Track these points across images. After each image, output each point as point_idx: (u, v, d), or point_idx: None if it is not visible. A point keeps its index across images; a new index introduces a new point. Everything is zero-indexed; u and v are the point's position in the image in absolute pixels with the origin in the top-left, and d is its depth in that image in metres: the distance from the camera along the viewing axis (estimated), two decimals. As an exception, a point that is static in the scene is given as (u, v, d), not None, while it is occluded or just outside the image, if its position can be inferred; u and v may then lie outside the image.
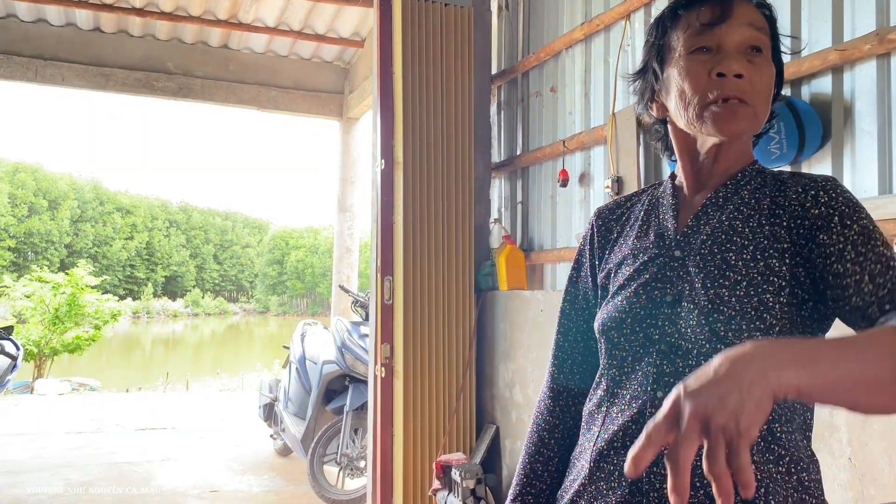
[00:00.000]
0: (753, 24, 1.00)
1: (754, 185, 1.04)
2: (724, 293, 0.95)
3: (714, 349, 0.93)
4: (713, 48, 1.00)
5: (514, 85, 3.80)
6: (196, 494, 4.40)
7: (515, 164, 3.71)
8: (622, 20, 2.93)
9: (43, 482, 4.57)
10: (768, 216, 0.99)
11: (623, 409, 1.00)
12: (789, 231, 0.97)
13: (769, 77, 1.00)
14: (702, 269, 0.98)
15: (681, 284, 1.00)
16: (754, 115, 0.99)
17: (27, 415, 7.29)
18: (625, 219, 1.16)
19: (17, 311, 12.59)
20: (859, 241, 0.91)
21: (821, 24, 2.10)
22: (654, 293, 1.01)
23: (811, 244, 0.94)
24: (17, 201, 53.32)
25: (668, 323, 0.99)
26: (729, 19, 1.00)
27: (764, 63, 1.00)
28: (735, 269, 0.96)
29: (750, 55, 0.99)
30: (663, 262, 1.03)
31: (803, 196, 0.98)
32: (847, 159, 2.03)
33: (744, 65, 0.98)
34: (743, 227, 0.99)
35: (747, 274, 0.95)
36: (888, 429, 1.76)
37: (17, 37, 5.96)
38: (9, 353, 5.09)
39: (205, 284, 67.99)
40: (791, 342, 0.67)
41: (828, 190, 0.97)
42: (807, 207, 0.97)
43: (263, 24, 6.24)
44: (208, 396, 9.63)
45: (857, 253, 0.91)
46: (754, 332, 0.92)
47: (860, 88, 2.00)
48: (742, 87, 0.98)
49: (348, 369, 4.35)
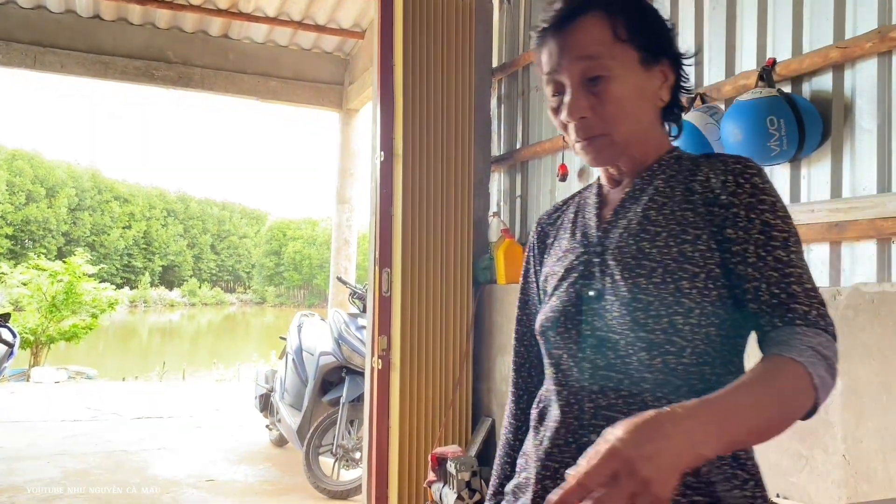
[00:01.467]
0: (586, 55, 0.99)
1: (669, 173, 1.04)
2: (641, 282, 0.96)
3: (638, 338, 0.96)
4: (562, 89, 1.02)
5: (515, 78, 3.80)
6: (192, 484, 4.41)
7: (515, 157, 3.71)
8: (624, 15, 2.92)
9: (39, 470, 4.57)
10: (681, 202, 1.00)
11: (563, 405, 1.02)
12: (703, 216, 0.98)
13: (621, 95, 1.00)
14: (619, 261, 1.00)
15: (603, 278, 1.02)
16: (612, 143, 1.02)
17: (23, 403, 7.30)
18: (560, 223, 1.18)
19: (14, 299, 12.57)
20: (760, 240, 0.93)
21: (822, 21, 2.10)
22: (582, 290, 1.04)
23: (720, 235, 0.96)
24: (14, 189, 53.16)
25: (596, 317, 1.01)
26: (561, 59, 1.01)
27: (609, 87, 0.99)
28: (650, 257, 0.97)
29: (591, 87, 1.00)
30: (587, 259, 1.06)
31: (714, 180, 0.99)
32: (847, 157, 2.03)
33: (584, 104, 1.00)
34: (657, 215, 1.01)
35: (662, 261, 0.96)
36: (882, 426, 1.76)
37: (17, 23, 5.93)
38: (5, 340, 5.08)
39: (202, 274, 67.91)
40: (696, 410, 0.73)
41: (735, 174, 0.98)
42: (717, 193, 0.98)
43: (264, 14, 6.22)
44: (205, 386, 9.64)
45: (758, 256, 0.93)
46: (673, 316, 0.94)
47: (861, 86, 2.00)
48: (589, 125, 1.00)
49: (345, 361, 4.36)
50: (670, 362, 0.94)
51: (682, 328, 0.94)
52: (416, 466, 3.43)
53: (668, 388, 0.94)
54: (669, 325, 0.94)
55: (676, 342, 0.94)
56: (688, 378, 0.94)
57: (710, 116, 2.33)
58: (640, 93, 1.02)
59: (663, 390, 0.94)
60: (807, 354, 0.83)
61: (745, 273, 0.93)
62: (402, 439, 3.41)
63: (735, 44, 2.42)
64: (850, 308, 1.84)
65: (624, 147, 1.03)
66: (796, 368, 0.81)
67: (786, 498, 1.98)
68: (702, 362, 0.95)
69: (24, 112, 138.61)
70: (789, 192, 2.19)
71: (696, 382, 0.94)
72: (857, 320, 1.84)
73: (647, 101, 1.04)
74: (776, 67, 2.16)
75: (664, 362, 0.95)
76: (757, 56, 2.32)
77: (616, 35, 1.00)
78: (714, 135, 2.27)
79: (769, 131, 1.99)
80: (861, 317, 1.84)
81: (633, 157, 1.06)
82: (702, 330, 0.94)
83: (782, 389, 0.80)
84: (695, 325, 0.94)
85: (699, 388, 0.93)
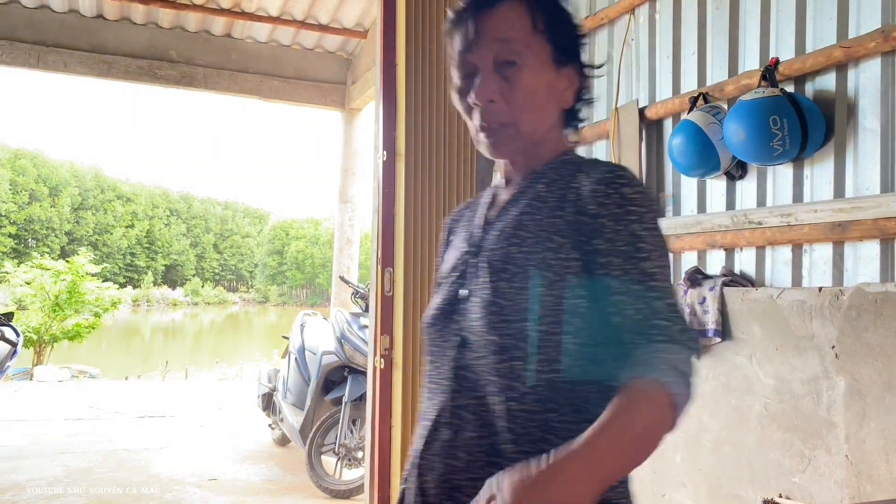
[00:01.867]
0: (503, 38, 0.99)
1: (551, 178, 1.03)
2: (502, 286, 0.97)
3: (491, 341, 0.96)
4: (472, 73, 1.01)
5: (518, 78, 3.79)
6: (194, 482, 4.41)
7: (517, 157, 3.71)
8: (627, 14, 2.92)
9: (42, 468, 4.58)
10: (554, 209, 0.99)
11: (435, 401, 1.04)
12: (572, 224, 0.96)
13: (531, 86, 1.00)
14: (489, 264, 1.00)
15: (474, 279, 1.02)
16: (521, 135, 1.01)
17: (26, 401, 7.31)
18: (462, 220, 1.18)
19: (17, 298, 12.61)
20: (626, 252, 0.92)
21: (826, 20, 2.10)
22: (457, 289, 1.05)
23: (588, 245, 0.95)
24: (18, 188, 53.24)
25: (463, 317, 1.01)
26: (477, 40, 1.00)
27: (521, 74, 0.99)
28: (516, 262, 0.97)
29: (503, 71, 0.99)
30: (466, 259, 1.06)
31: (587, 188, 0.97)
32: (850, 157, 2.03)
33: (495, 87, 0.98)
34: (530, 220, 1.00)
35: (525, 267, 0.96)
36: (886, 427, 1.76)
37: (20, 23, 5.94)
38: (9, 339, 5.09)
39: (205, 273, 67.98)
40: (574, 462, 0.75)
41: (605, 184, 0.96)
42: (586, 202, 0.96)
43: (266, 14, 6.23)
44: (207, 385, 9.65)
45: (623, 269, 0.92)
46: (524, 322, 0.94)
47: (864, 86, 2.00)
48: (496, 111, 0.99)
49: (347, 360, 4.36)
50: (518, 368, 0.94)
51: (532, 335, 0.94)
52: (418, 466, 3.42)
53: (516, 393, 0.94)
54: (519, 331, 0.94)
55: (524, 348, 0.94)
56: (535, 384, 0.94)
57: (713, 116, 2.32)
58: (549, 89, 1.02)
59: (510, 394, 0.95)
60: (669, 375, 0.84)
61: (610, 285, 0.92)
62: (404, 438, 3.41)
63: (738, 43, 2.42)
64: (853, 308, 1.84)
65: (526, 141, 1.02)
66: (660, 392, 0.83)
67: (788, 498, 1.98)
68: (551, 369, 0.94)
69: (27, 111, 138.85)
70: (792, 192, 2.19)
71: (543, 389, 0.94)
72: (860, 321, 1.83)
73: (554, 99, 1.03)
74: (779, 67, 2.16)
75: (512, 368, 0.95)
76: (760, 55, 2.31)
77: (535, 25, 1.00)
78: (717, 134, 2.27)
79: (772, 131, 1.99)
80: (864, 317, 1.83)
81: (530, 155, 1.05)
82: (552, 338, 0.94)
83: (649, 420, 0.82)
84: (544, 333, 0.94)
85: (545, 395, 0.94)
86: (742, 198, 2.38)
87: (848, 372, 1.85)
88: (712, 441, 2.25)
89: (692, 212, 2.57)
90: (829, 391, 1.89)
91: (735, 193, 2.41)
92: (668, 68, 2.71)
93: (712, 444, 2.25)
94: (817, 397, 1.93)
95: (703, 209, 2.54)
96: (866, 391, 1.81)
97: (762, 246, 2.26)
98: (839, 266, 2.04)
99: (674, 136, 2.41)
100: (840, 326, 1.87)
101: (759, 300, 2.11)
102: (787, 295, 2.04)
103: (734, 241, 2.33)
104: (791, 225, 2.12)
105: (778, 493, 2.00)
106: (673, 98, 2.64)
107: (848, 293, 1.87)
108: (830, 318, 1.90)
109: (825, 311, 1.92)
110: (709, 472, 2.26)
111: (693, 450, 2.32)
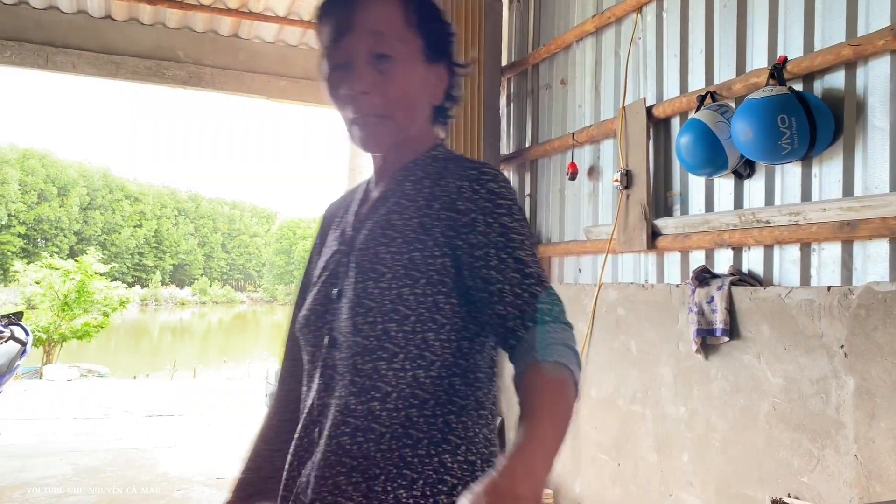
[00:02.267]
0: (378, 31, 0.98)
1: (420, 175, 1.03)
2: (370, 286, 0.96)
3: (355, 343, 0.96)
4: (345, 64, 0.99)
5: (524, 77, 3.79)
6: (202, 481, 4.43)
7: (524, 156, 3.70)
8: (634, 13, 2.91)
9: (51, 467, 4.60)
10: (423, 207, 0.98)
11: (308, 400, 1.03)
12: (441, 222, 0.96)
13: (405, 80, 0.99)
14: (358, 263, 1.00)
15: (345, 279, 1.01)
16: (396, 128, 1.00)
17: (36, 400, 7.35)
18: (340, 213, 1.15)
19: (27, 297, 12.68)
20: (501, 243, 0.92)
21: (834, 18, 2.09)
22: (329, 289, 1.03)
23: (459, 241, 0.95)
24: (27, 188, 53.54)
25: (333, 318, 1.00)
26: (350, 31, 0.98)
27: (395, 68, 0.98)
28: (384, 262, 0.97)
29: (378, 64, 0.98)
30: (337, 258, 1.05)
31: (454, 185, 0.97)
32: (859, 155, 2.01)
33: (369, 79, 0.97)
34: (398, 219, 1.00)
35: (393, 267, 0.96)
36: (895, 426, 1.75)
37: (29, 24, 5.96)
38: (18, 338, 5.11)
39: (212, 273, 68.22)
40: (531, 464, 0.74)
41: (472, 181, 0.96)
42: (453, 199, 0.96)
43: (274, 14, 6.23)
44: (215, 384, 9.68)
45: (500, 259, 0.92)
46: (388, 323, 0.94)
47: (873, 84, 1.99)
48: (371, 103, 0.98)
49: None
50: (381, 368, 0.95)
51: (396, 335, 0.94)
52: (425, 465, 3.43)
53: (378, 394, 0.95)
54: (383, 331, 0.94)
55: (389, 349, 0.94)
56: (398, 384, 0.94)
57: (721, 115, 2.32)
58: (421, 84, 1.01)
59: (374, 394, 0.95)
60: (565, 354, 0.85)
61: (489, 276, 0.92)
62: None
63: (746, 41, 2.41)
64: (862, 307, 1.83)
65: (399, 135, 1.01)
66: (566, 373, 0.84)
67: (797, 498, 1.97)
68: (416, 367, 0.95)
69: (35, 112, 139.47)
70: (800, 190, 2.18)
71: (405, 388, 0.94)
72: (869, 319, 1.82)
73: (427, 95, 1.03)
74: (787, 65, 2.15)
75: (375, 368, 0.95)
76: (768, 54, 2.30)
77: (408, 20, 1.00)
78: (724, 133, 2.26)
79: (780, 130, 1.98)
80: (873, 316, 1.82)
81: (402, 150, 1.05)
82: (417, 336, 0.94)
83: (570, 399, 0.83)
84: (409, 332, 0.94)
85: (408, 392, 0.94)
86: (750, 197, 2.37)
87: (857, 371, 1.84)
88: (720, 440, 2.25)
89: (700, 211, 2.56)
90: (837, 391, 1.89)
91: (743, 192, 2.40)
92: (676, 67, 2.70)
93: (720, 443, 2.25)
94: (826, 397, 1.92)
95: (710, 208, 2.53)
96: (875, 391, 1.81)
97: (770, 245, 2.26)
98: (848, 265, 2.02)
99: (681, 135, 2.40)
100: (849, 326, 1.86)
101: (768, 299, 2.11)
102: (795, 294, 2.03)
103: (742, 240, 2.32)
104: (799, 224, 2.11)
105: (787, 493, 1.99)
106: (680, 97, 2.64)
107: (857, 292, 1.86)
108: (839, 317, 1.89)
109: (834, 311, 1.91)
110: (717, 472, 2.26)
111: (701, 449, 2.32)
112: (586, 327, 2.87)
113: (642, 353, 2.59)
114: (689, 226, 2.53)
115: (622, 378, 2.69)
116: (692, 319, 2.29)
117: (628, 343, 2.66)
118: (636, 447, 2.60)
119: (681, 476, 2.40)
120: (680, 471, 2.40)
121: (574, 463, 2.94)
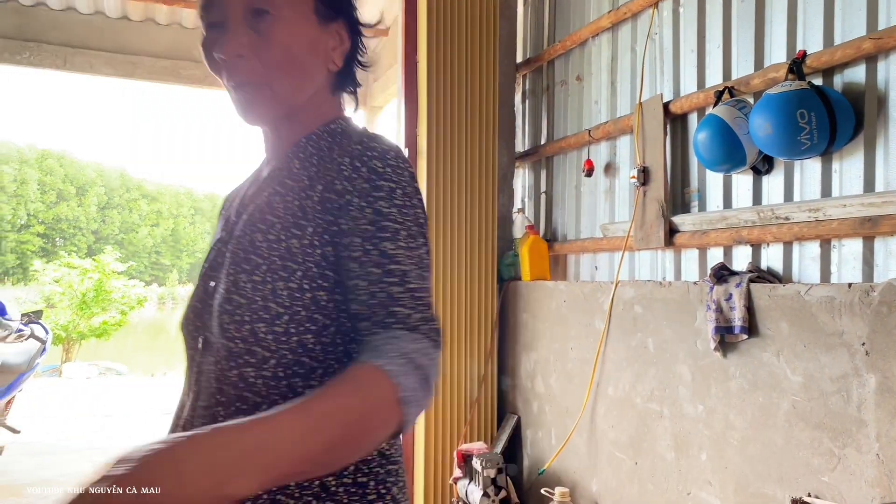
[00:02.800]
0: None
1: (310, 152, 0.90)
2: (241, 279, 0.84)
3: (222, 345, 0.85)
4: (218, 24, 0.87)
5: (540, 73, 3.77)
6: (220, 478, 4.45)
7: (540, 153, 3.69)
8: (650, 8, 2.89)
9: (70, 464, 4.65)
10: (307, 188, 0.86)
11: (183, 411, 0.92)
12: (321, 204, 0.85)
13: (288, 41, 0.86)
14: (233, 253, 0.88)
15: (220, 271, 0.89)
16: (277, 98, 0.88)
17: (55, 398, 7.43)
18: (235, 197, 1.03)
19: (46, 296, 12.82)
20: (369, 231, 0.81)
21: (854, 11, 2.06)
22: (207, 283, 0.91)
23: (336, 226, 0.83)
24: (45, 188, 54.12)
25: (207, 314, 0.89)
26: None
27: (275, 26, 0.86)
28: (259, 252, 0.85)
29: (255, 23, 0.85)
30: (218, 248, 0.94)
31: (338, 162, 0.86)
32: (880, 151, 1.99)
33: (244, 40, 0.85)
34: (280, 202, 0.87)
35: (268, 258, 0.84)
36: (918, 425, 1.73)
37: (47, 25, 6.03)
38: (38, 336, 5.17)
39: (229, 271, 68.63)
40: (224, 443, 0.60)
41: (355, 157, 0.85)
42: (332, 178, 0.85)
43: (288, 13, 6.26)
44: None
45: (363, 250, 0.81)
46: (256, 324, 0.82)
47: (895, 78, 1.96)
48: (246, 67, 0.86)
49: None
50: (249, 375, 0.83)
51: (266, 337, 0.82)
52: (441, 463, 3.43)
53: (245, 406, 0.83)
54: (251, 333, 0.82)
55: (258, 353, 0.83)
56: (269, 393, 0.83)
57: (739, 110, 2.29)
58: (311, 46, 0.89)
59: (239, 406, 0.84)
60: (397, 363, 0.72)
61: (350, 269, 0.81)
62: (427, 436, 3.42)
63: (764, 35, 2.38)
64: (884, 304, 1.81)
65: (284, 106, 0.89)
66: (378, 379, 0.70)
67: (818, 497, 1.94)
68: (291, 374, 0.83)
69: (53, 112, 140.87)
70: (820, 186, 2.15)
71: (279, 399, 0.83)
72: (891, 317, 1.80)
73: (319, 59, 0.91)
74: (807, 59, 2.12)
75: (241, 375, 0.84)
76: (787, 48, 2.28)
77: None
78: (743, 129, 2.24)
79: (799, 125, 1.96)
80: (895, 313, 1.80)
81: (294, 123, 0.93)
82: (292, 339, 0.83)
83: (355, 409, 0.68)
84: (281, 334, 0.82)
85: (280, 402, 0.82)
86: (769, 193, 2.35)
87: (879, 369, 1.81)
88: (739, 439, 2.23)
89: (718, 207, 2.54)
90: (859, 389, 1.86)
91: (761, 188, 2.38)
92: (693, 62, 2.68)
93: (739, 442, 2.23)
94: (847, 395, 1.89)
95: (728, 204, 2.51)
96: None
97: (789, 241, 2.23)
98: (869, 261, 2.00)
99: (699, 131, 2.38)
100: (870, 323, 1.84)
101: (787, 296, 2.08)
102: (815, 291, 2.01)
103: (761, 237, 2.29)
104: (819, 220, 2.09)
105: (807, 493, 1.97)
106: (698, 92, 2.61)
107: (878, 289, 1.83)
108: (860, 314, 1.86)
109: (855, 308, 1.88)
110: (735, 471, 2.24)
111: (719, 448, 2.30)
112: (603, 325, 2.85)
113: (660, 350, 2.57)
114: (707, 222, 2.51)
115: (639, 376, 2.67)
116: (710, 317, 2.27)
117: (645, 341, 2.65)
118: (653, 445, 2.59)
119: (699, 475, 2.38)
120: (698, 469, 2.39)
121: (591, 461, 2.93)
